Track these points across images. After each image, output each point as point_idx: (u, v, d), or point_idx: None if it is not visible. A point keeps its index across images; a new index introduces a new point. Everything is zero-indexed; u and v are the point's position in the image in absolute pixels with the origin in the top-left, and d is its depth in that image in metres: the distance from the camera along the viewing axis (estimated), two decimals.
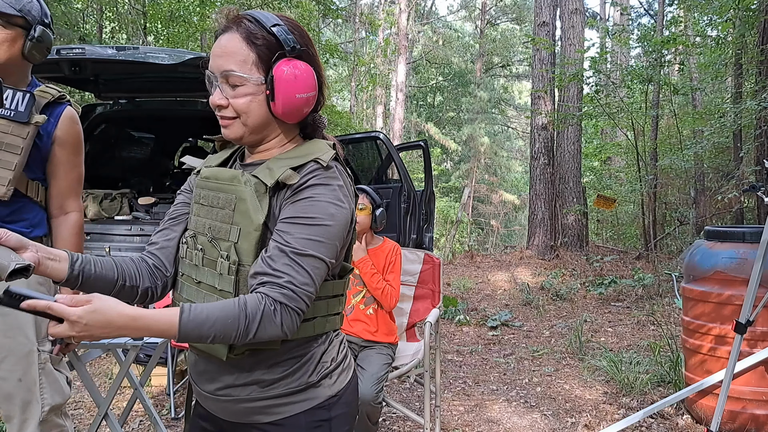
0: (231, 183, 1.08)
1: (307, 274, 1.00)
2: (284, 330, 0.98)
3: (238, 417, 1.11)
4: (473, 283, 7.85)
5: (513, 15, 24.44)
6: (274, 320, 0.96)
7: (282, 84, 1.04)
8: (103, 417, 2.31)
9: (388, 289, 2.60)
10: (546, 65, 10.23)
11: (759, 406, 2.77)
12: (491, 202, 22.92)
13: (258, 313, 0.95)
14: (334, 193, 1.04)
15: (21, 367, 1.74)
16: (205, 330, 0.93)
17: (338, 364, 1.15)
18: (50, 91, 1.81)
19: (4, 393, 1.75)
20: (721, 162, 9.46)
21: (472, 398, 3.58)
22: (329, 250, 1.03)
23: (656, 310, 5.83)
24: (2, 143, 1.71)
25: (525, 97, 25.29)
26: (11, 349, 1.74)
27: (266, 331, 0.96)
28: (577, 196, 9.93)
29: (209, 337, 0.94)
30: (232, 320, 0.94)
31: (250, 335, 0.96)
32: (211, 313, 0.94)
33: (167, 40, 9.90)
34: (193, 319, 0.93)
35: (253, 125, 1.08)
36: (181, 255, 1.17)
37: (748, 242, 2.86)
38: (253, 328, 0.95)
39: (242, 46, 1.05)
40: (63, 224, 1.85)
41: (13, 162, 1.72)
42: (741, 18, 7.33)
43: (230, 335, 0.95)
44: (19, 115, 1.72)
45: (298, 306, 0.99)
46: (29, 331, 1.76)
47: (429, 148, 6.65)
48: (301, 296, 0.99)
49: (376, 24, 19.39)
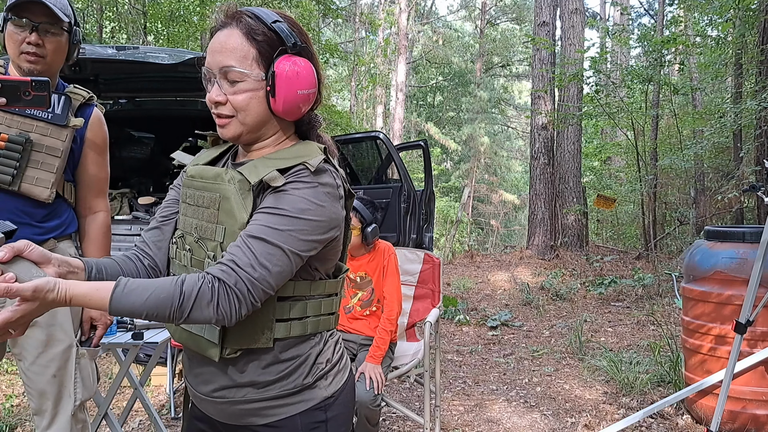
0: (215, 181, 1.06)
1: (253, 256, 0.96)
2: (220, 312, 0.94)
3: (233, 419, 1.11)
4: (473, 283, 7.85)
5: (513, 15, 24.42)
6: (209, 299, 0.93)
7: (283, 80, 1.03)
8: (103, 417, 2.31)
9: (391, 322, 2.57)
10: (546, 65, 10.22)
11: (759, 406, 2.77)
12: (491, 201, 22.92)
13: (194, 290, 0.93)
14: (313, 190, 1.01)
15: (57, 362, 1.76)
16: (138, 305, 0.91)
17: (334, 365, 1.13)
18: (81, 93, 1.83)
19: (38, 388, 1.76)
20: (721, 162, 9.46)
21: (472, 398, 3.58)
22: (292, 240, 0.98)
23: (656, 310, 5.83)
24: (43, 146, 1.73)
25: (525, 96, 25.29)
26: (50, 345, 1.76)
27: (201, 312, 0.93)
28: (577, 195, 9.93)
29: (142, 313, 0.92)
30: (165, 296, 0.92)
31: (185, 314, 0.93)
32: (146, 288, 0.92)
33: (167, 39, 9.90)
34: (127, 293, 0.91)
35: (251, 123, 1.06)
36: (171, 256, 1.16)
37: (748, 242, 2.86)
38: (187, 306, 0.92)
39: (242, 42, 1.03)
40: (92, 224, 1.89)
41: (55, 165, 1.75)
42: (741, 18, 7.33)
43: (164, 312, 0.92)
44: (57, 117, 1.75)
45: (238, 287, 0.94)
46: (68, 326, 1.79)
47: (429, 147, 6.65)
48: (243, 278, 0.95)
49: (376, 24, 19.38)
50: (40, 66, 1.71)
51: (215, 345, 1.03)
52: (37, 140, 1.72)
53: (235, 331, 1.03)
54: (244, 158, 1.14)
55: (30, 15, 1.66)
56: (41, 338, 1.74)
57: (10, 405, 3.28)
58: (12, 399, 3.36)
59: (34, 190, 1.71)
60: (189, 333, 1.08)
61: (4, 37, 1.69)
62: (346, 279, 2.67)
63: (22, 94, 1.33)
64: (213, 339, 1.04)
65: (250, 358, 1.06)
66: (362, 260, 2.66)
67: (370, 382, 2.34)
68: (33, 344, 1.73)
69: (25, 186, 1.71)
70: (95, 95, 1.89)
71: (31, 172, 1.72)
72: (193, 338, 1.08)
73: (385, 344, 2.48)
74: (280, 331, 1.05)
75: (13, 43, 1.68)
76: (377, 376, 2.37)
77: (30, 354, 1.74)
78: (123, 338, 2.27)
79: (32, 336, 1.73)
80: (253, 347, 1.04)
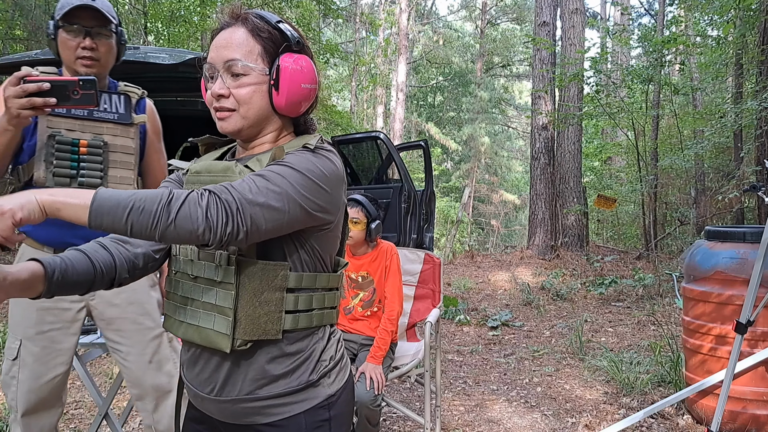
0: (225, 174, 1.07)
1: (252, 185, 0.96)
2: (209, 218, 0.91)
3: (236, 418, 1.10)
4: (473, 283, 7.85)
5: (513, 15, 24.43)
6: (199, 201, 0.92)
7: (287, 73, 1.06)
8: (104, 417, 2.31)
9: (392, 322, 2.57)
10: (546, 65, 10.23)
11: (759, 407, 2.76)
12: (492, 201, 22.93)
13: (185, 193, 0.92)
14: (317, 158, 1.04)
15: (151, 349, 1.86)
16: (123, 198, 0.89)
17: (336, 363, 1.14)
18: (133, 89, 1.91)
19: (136, 376, 1.86)
20: (721, 162, 9.47)
21: (473, 398, 3.58)
22: (292, 189, 0.99)
23: (657, 310, 5.83)
24: (117, 146, 1.82)
25: (525, 97, 25.30)
26: (141, 333, 1.85)
27: (189, 213, 0.90)
28: (577, 196, 9.93)
29: (127, 206, 0.89)
30: (154, 193, 0.91)
31: (172, 213, 0.90)
32: (132, 192, 0.91)
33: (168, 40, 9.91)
34: (113, 194, 0.90)
35: (252, 117, 1.09)
36: (174, 253, 1.15)
37: (748, 242, 2.86)
38: (176, 204, 0.90)
39: (248, 38, 1.07)
40: None
41: (131, 162, 1.85)
42: (741, 18, 7.33)
43: (151, 207, 0.89)
44: (123, 117, 1.85)
45: (228, 203, 0.93)
46: (156, 314, 1.89)
47: (429, 147, 6.66)
48: (235, 197, 0.94)
49: (376, 24, 19.40)
50: (95, 69, 1.77)
51: (226, 336, 1.03)
52: (110, 141, 1.81)
53: (245, 323, 1.03)
54: (244, 155, 1.16)
55: (81, 20, 1.72)
56: (132, 328, 1.85)
57: None
58: None
59: (121, 188, 1.76)
60: (196, 327, 1.08)
61: (57, 44, 1.75)
62: (348, 279, 2.67)
63: (70, 93, 1.39)
64: (223, 330, 1.04)
65: (257, 351, 1.06)
66: (364, 259, 2.66)
67: (370, 382, 2.34)
68: (126, 335, 1.85)
69: (111, 186, 1.79)
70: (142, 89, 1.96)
71: (114, 171, 1.82)
72: (201, 332, 1.07)
73: (385, 344, 2.48)
74: (289, 322, 1.06)
75: (67, 49, 1.74)
76: (378, 376, 2.37)
77: (124, 345, 1.85)
78: None
79: (124, 327, 1.85)
80: (264, 339, 1.05)
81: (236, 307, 1.03)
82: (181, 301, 1.11)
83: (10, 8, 8.09)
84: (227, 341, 1.03)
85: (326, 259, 1.11)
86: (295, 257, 1.06)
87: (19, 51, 8.21)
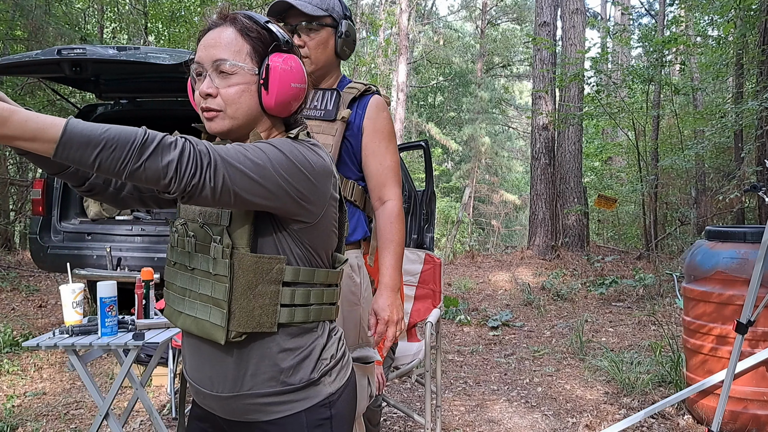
0: None
1: (232, 149, 0.96)
2: (181, 164, 0.90)
3: (237, 415, 1.11)
4: (474, 283, 7.85)
5: (513, 15, 24.42)
6: (174, 145, 0.90)
7: (277, 72, 1.07)
8: (104, 417, 2.31)
9: None
10: (547, 65, 10.22)
11: (760, 407, 2.76)
12: (492, 202, 22.92)
13: (158, 136, 0.90)
14: (297, 143, 1.05)
15: None
16: (97, 133, 0.86)
17: (338, 361, 1.15)
18: (357, 87, 1.82)
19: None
20: (722, 162, 9.47)
21: (473, 398, 3.58)
22: (270, 164, 0.99)
23: (657, 310, 5.83)
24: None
25: (526, 97, 25.30)
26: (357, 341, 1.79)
27: (161, 155, 0.89)
28: (578, 196, 9.92)
29: (99, 143, 0.86)
30: (129, 131, 0.89)
31: (145, 154, 0.88)
32: (106, 127, 0.89)
33: (168, 40, 9.92)
34: (86, 127, 0.87)
35: (241, 117, 1.09)
36: (172, 243, 1.16)
37: (749, 242, 2.85)
38: (150, 144, 0.88)
39: (237, 37, 1.07)
40: (380, 215, 1.80)
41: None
42: (742, 18, 7.32)
43: (124, 144, 0.87)
44: (328, 113, 1.77)
45: (202, 155, 0.92)
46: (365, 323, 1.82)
47: (430, 148, 6.65)
48: (210, 152, 0.93)
49: (376, 24, 19.40)
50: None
51: (220, 328, 1.04)
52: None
53: (239, 315, 1.04)
54: None
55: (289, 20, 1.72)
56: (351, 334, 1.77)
57: (11, 405, 3.28)
58: (13, 399, 3.36)
59: None
60: (194, 318, 1.09)
61: None
62: None
63: None
64: (218, 322, 1.05)
65: (255, 346, 1.07)
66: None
67: None
68: None
69: None
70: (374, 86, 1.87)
71: None
72: (198, 323, 1.08)
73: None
74: (284, 315, 1.06)
75: None
76: (378, 376, 2.37)
77: None
78: (124, 339, 2.27)
79: None
80: (258, 331, 1.05)
81: (230, 300, 1.04)
82: (179, 292, 1.13)
83: (10, 8, 8.09)
84: (222, 333, 1.04)
85: (321, 254, 1.11)
86: (288, 251, 1.07)
87: (19, 51, 8.22)
